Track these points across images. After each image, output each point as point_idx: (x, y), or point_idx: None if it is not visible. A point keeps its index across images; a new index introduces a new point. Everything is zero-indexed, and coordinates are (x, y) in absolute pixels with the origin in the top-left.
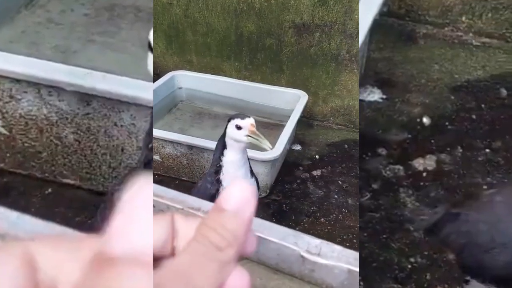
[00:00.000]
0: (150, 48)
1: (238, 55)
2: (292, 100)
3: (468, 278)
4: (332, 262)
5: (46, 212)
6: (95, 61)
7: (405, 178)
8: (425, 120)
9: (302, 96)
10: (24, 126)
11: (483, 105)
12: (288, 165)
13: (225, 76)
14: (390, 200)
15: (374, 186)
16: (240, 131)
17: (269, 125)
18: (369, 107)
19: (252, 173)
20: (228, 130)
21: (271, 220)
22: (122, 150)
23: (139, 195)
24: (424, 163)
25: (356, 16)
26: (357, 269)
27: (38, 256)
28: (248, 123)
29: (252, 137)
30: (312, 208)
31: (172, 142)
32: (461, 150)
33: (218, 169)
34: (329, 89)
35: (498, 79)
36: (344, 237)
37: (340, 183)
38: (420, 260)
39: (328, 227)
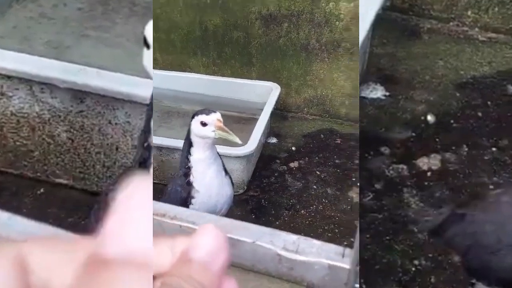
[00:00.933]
0: (146, 43)
1: (205, 50)
2: (264, 93)
3: (473, 281)
4: (311, 258)
5: (38, 213)
6: (89, 57)
7: (409, 178)
8: (430, 117)
9: (274, 88)
10: (15, 124)
11: (489, 102)
12: (264, 159)
13: (193, 72)
14: (393, 201)
15: (377, 186)
16: (206, 128)
17: (242, 120)
18: (371, 104)
19: (226, 171)
20: (192, 127)
21: (250, 216)
22: (117, 148)
23: (134, 195)
24: (429, 162)
25: (322, 5)
26: (339, 264)
27: (30, 258)
28: (214, 118)
29: (219, 133)
30: (291, 201)
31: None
32: (466, 149)
33: (187, 170)
34: (301, 80)
35: (505, 75)
36: (326, 227)
37: (318, 173)
38: (425, 263)
39: (309, 219)
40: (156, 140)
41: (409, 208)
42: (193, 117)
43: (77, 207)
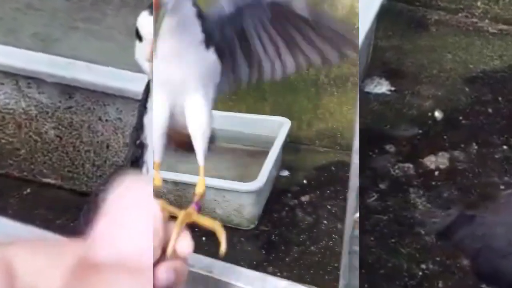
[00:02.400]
0: (139, 35)
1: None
2: (275, 127)
3: (483, 286)
4: None
5: (24, 214)
6: (78, 50)
7: (415, 177)
8: (437, 114)
9: (284, 123)
10: (0, 121)
11: (500, 98)
12: (276, 192)
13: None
14: (399, 201)
15: (382, 186)
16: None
17: (255, 153)
18: (376, 100)
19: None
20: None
21: (260, 252)
22: (107, 146)
23: (125, 196)
24: (436, 161)
25: None
26: None
27: (16, 262)
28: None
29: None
30: (301, 237)
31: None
32: (476, 147)
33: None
34: (312, 113)
35: None
36: (335, 264)
37: (329, 207)
38: (432, 267)
39: (318, 256)
40: (172, 176)
41: (416, 209)
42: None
43: (66, 208)
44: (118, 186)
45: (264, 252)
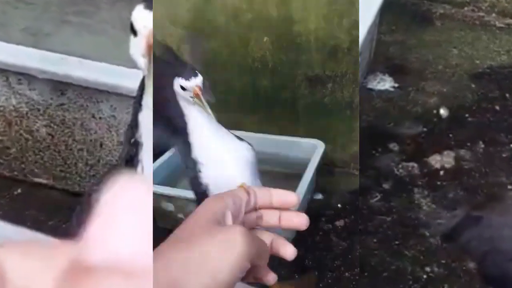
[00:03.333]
0: (133, 30)
1: (256, 109)
2: (309, 150)
3: None
4: None
5: (15, 215)
6: (71, 45)
7: (420, 177)
8: (443, 111)
9: (319, 145)
10: None
11: (507, 95)
12: (310, 216)
13: (245, 130)
14: (403, 202)
15: (385, 186)
16: (185, 92)
17: (288, 176)
18: (379, 97)
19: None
20: (175, 87)
21: (293, 276)
22: (101, 145)
23: (120, 196)
24: (441, 160)
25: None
26: None
27: (7, 265)
28: (193, 84)
29: (196, 101)
30: (335, 262)
31: (195, 200)
32: (483, 145)
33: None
34: (346, 136)
35: None
36: None
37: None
38: (437, 270)
39: (353, 282)
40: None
41: (420, 210)
42: (175, 78)
43: (58, 209)
44: (112, 186)
45: (297, 276)
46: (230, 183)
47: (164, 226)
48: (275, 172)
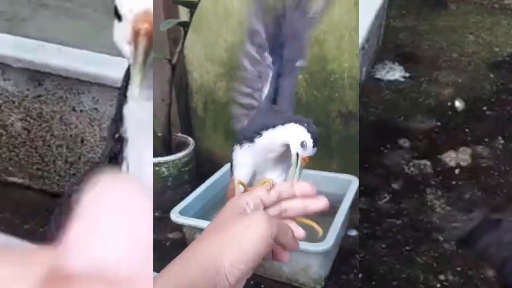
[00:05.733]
0: (117, 14)
1: None
2: (343, 185)
3: None
4: None
5: None
6: (48, 31)
7: (433, 176)
8: (458, 104)
9: (353, 181)
10: None
11: None
12: (343, 253)
13: None
14: (414, 204)
15: (395, 186)
16: (303, 149)
17: (322, 212)
18: (388, 88)
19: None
20: (292, 149)
21: None
22: (82, 141)
23: (102, 197)
24: (457, 158)
25: None
26: None
27: None
28: (307, 154)
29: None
30: None
31: None
32: (502, 141)
33: None
34: None
35: None
36: None
37: None
38: (452, 278)
39: None
40: None
41: (434, 212)
42: (289, 122)
43: (35, 211)
44: (94, 186)
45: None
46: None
47: None
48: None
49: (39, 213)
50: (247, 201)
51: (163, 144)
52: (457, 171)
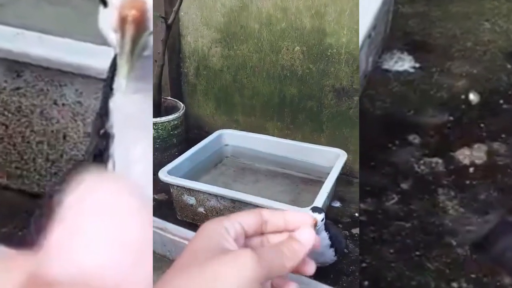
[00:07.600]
0: (103, 0)
1: (281, 115)
2: (331, 158)
3: None
4: None
5: None
6: (28, 18)
7: (445, 175)
8: (472, 97)
9: (341, 155)
10: None
11: None
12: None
13: (269, 134)
14: (425, 205)
15: (404, 186)
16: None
17: (309, 181)
18: (397, 80)
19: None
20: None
21: (309, 279)
22: (64, 137)
23: (86, 198)
24: (471, 155)
25: None
26: None
27: None
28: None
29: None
30: (351, 268)
31: (216, 195)
32: None
33: None
34: None
35: None
36: None
37: None
38: (466, 285)
39: None
40: (231, 193)
41: (446, 214)
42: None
43: (13, 214)
44: (77, 186)
45: (313, 278)
46: None
47: (185, 219)
48: (297, 177)
49: (17, 215)
50: (226, 229)
51: (153, 106)
52: (471, 169)
